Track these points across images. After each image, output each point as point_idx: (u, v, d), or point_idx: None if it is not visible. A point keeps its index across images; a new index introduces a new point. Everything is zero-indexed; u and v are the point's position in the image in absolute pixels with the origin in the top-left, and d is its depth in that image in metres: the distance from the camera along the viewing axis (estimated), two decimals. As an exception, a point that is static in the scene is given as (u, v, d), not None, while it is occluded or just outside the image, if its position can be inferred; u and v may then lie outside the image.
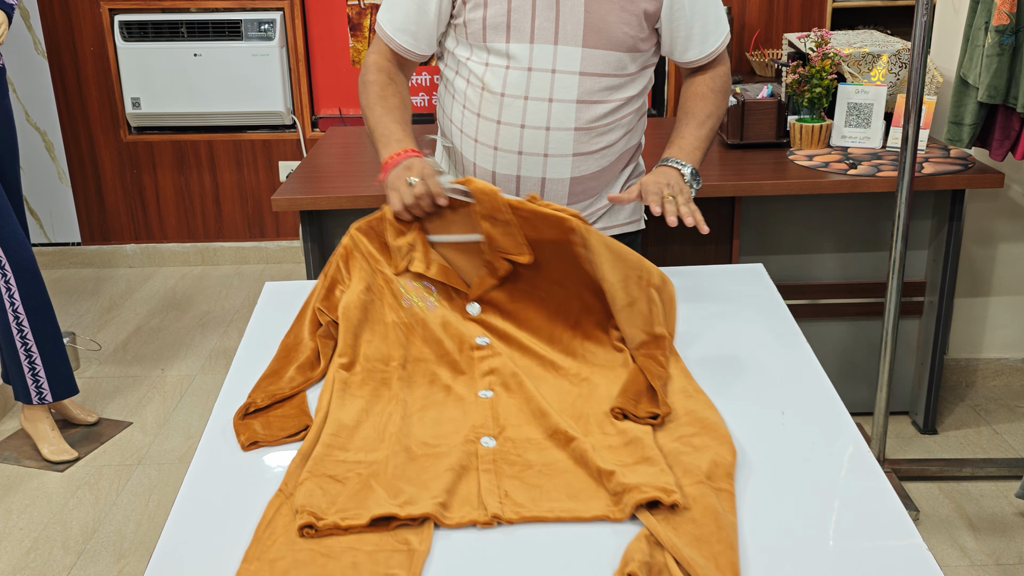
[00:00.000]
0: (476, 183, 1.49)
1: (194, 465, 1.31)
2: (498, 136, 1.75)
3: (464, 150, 1.81)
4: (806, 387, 1.47)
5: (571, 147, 1.75)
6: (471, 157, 1.80)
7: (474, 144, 1.79)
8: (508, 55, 1.71)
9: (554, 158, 1.76)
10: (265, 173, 4.35)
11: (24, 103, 4.25)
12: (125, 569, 2.41)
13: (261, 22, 4.05)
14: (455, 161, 1.86)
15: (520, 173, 1.77)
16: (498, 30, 1.70)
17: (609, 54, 1.71)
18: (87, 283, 4.28)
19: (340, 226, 2.65)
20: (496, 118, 1.75)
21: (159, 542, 1.16)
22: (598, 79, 1.72)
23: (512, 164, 1.77)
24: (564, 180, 1.78)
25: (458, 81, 1.79)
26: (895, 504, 1.18)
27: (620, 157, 1.84)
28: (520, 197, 1.49)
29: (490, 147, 1.77)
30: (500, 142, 1.76)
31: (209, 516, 1.20)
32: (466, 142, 1.80)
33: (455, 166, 1.87)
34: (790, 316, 1.68)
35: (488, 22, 1.70)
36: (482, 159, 1.79)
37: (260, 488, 1.24)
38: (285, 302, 1.80)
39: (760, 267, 1.91)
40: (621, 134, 1.81)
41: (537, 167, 1.76)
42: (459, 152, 1.83)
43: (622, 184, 1.89)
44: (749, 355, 1.56)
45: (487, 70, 1.73)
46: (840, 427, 1.35)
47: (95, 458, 2.88)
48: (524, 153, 1.76)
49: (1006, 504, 2.54)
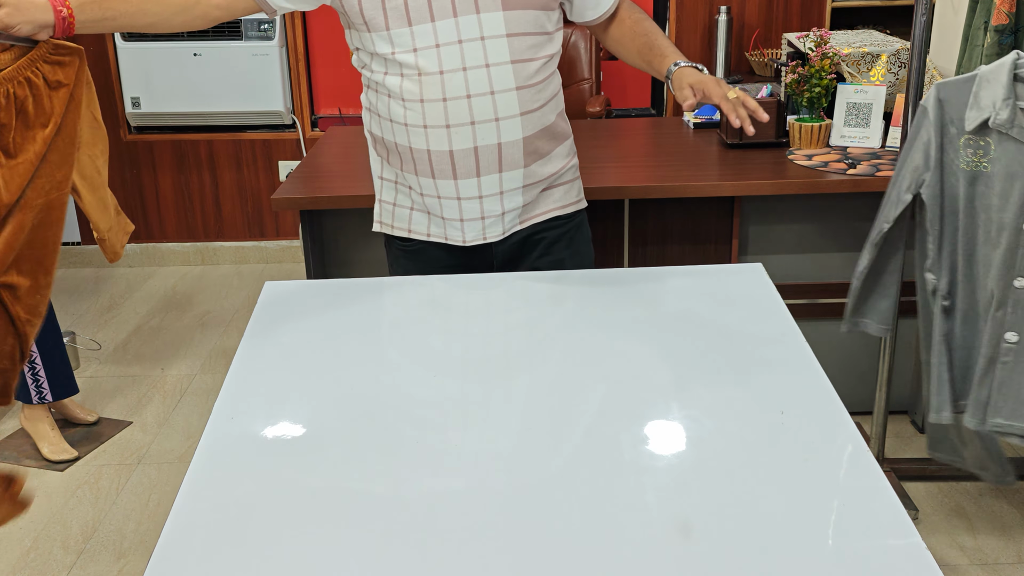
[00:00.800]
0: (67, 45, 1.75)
1: (194, 464, 1.31)
2: (447, 113, 1.77)
3: (415, 143, 1.82)
4: (805, 387, 1.47)
5: (518, 107, 1.80)
6: (424, 145, 1.81)
7: (424, 131, 1.80)
8: (435, 33, 1.74)
9: (505, 120, 1.79)
10: (265, 173, 4.35)
11: (24, 103, 4.24)
12: (125, 568, 2.41)
13: (261, 22, 4.05)
14: (403, 161, 1.87)
15: (477, 144, 1.79)
16: (420, 11, 1.73)
17: (528, 13, 1.78)
18: (87, 282, 4.29)
19: (340, 225, 2.65)
20: (441, 96, 1.77)
21: (159, 541, 1.16)
22: (524, 38, 1.79)
23: (467, 136, 1.79)
24: (518, 141, 1.81)
25: (389, 79, 1.80)
26: (894, 503, 1.18)
27: (558, 115, 1.91)
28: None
29: (442, 127, 1.78)
30: (451, 118, 1.77)
31: (209, 516, 1.21)
32: (415, 133, 1.81)
33: (404, 165, 1.87)
34: (789, 316, 1.68)
35: (410, 5, 1.73)
36: (436, 142, 1.80)
37: (260, 487, 1.25)
38: (285, 302, 1.81)
39: (759, 267, 1.91)
40: (554, 91, 1.88)
41: (491, 133, 1.79)
42: (409, 148, 1.83)
43: (566, 145, 1.94)
44: (748, 355, 1.56)
45: (418, 55, 1.76)
46: (839, 426, 1.36)
47: (95, 457, 2.88)
48: (476, 122, 1.78)
49: (1005, 503, 2.55)
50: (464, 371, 1.55)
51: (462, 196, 1.84)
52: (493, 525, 1.18)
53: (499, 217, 1.88)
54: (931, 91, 1.83)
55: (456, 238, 1.90)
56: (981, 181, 1.86)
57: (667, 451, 1.32)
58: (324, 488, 1.26)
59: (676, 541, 1.13)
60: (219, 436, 1.38)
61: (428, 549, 1.13)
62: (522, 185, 1.86)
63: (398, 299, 1.83)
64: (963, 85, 1.78)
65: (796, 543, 1.12)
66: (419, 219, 1.91)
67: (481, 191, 1.83)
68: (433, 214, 1.89)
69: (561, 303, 1.78)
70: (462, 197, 1.84)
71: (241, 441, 1.37)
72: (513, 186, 1.85)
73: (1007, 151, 1.79)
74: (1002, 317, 1.95)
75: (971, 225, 1.92)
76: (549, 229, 1.95)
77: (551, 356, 1.60)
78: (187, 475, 1.29)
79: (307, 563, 1.11)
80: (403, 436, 1.36)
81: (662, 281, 1.83)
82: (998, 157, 1.81)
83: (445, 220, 1.88)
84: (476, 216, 1.86)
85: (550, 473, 1.28)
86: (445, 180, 1.82)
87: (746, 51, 4.14)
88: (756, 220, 2.71)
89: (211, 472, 1.30)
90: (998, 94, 1.75)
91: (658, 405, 1.42)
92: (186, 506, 1.23)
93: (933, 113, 1.84)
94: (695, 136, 3.00)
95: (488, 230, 1.89)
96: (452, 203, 1.85)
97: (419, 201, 1.89)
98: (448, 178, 1.82)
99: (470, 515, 1.19)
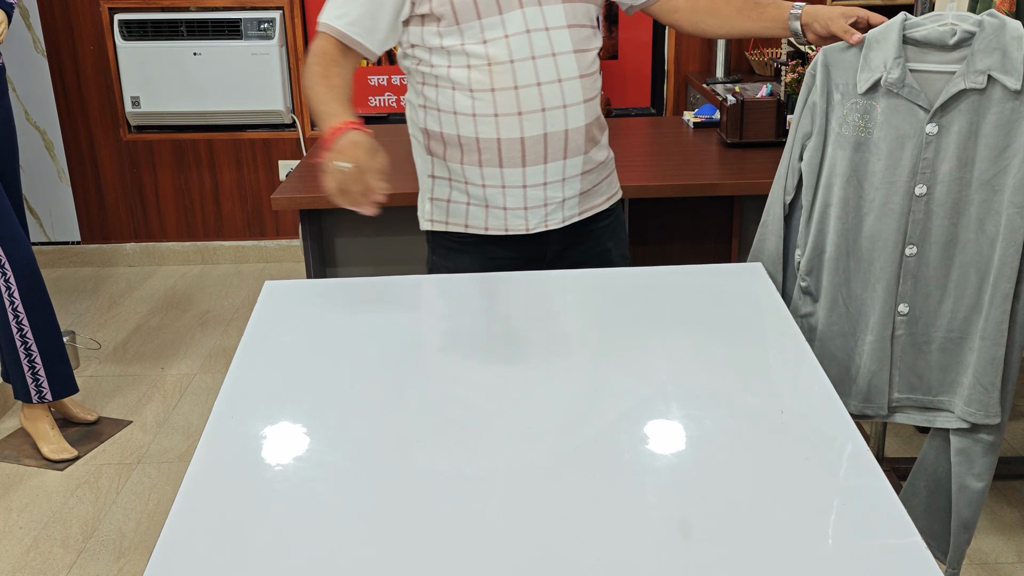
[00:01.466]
0: None
1: (194, 464, 1.31)
2: (519, 100, 1.82)
3: (483, 132, 1.85)
4: (805, 386, 1.47)
5: (581, 94, 1.86)
6: (493, 135, 1.85)
7: (495, 120, 1.84)
8: (504, 24, 1.79)
9: (571, 107, 1.86)
10: (265, 172, 4.35)
11: (24, 102, 4.25)
12: (125, 568, 2.41)
13: (261, 21, 4.05)
14: (465, 153, 1.89)
15: (547, 130, 1.85)
16: (489, 5, 1.79)
17: (580, 6, 1.86)
18: (87, 282, 4.29)
19: (339, 225, 2.65)
20: (512, 84, 1.81)
21: (159, 541, 1.16)
22: (580, 30, 1.86)
23: (538, 123, 1.84)
24: (580, 128, 1.88)
25: (455, 72, 1.83)
26: (894, 503, 1.19)
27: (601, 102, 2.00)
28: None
29: (513, 115, 1.83)
30: (522, 105, 1.82)
31: (209, 515, 1.21)
32: (484, 123, 1.84)
33: (465, 158, 1.90)
34: (789, 315, 1.68)
35: (479, 1, 1.78)
36: (506, 131, 1.84)
37: (260, 486, 1.25)
38: (285, 301, 1.81)
39: (759, 266, 1.91)
40: (601, 81, 1.97)
41: (559, 120, 1.85)
42: (475, 139, 1.86)
43: (606, 135, 2.01)
44: (748, 354, 1.56)
45: (487, 45, 1.80)
46: (839, 426, 1.36)
47: (95, 457, 2.88)
48: (547, 109, 1.84)
49: (1005, 503, 2.55)
50: (463, 371, 1.55)
51: (528, 184, 1.89)
52: (492, 524, 1.18)
53: (560, 204, 1.93)
54: (818, 56, 1.80)
55: (518, 227, 1.94)
56: (864, 147, 1.81)
57: (667, 451, 1.32)
58: (324, 487, 1.26)
59: (676, 541, 1.13)
60: (219, 435, 1.38)
61: (427, 547, 1.13)
62: (580, 172, 1.92)
63: (398, 298, 1.83)
64: (850, 49, 1.77)
65: (796, 542, 1.12)
66: (476, 213, 1.94)
67: (546, 177, 1.89)
68: (492, 206, 1.92)
69: (560, 303, 1.78)
70: (528, 185, 1.89)
71: (241, 440, 1.37)
72: (574, 172, 1.91)
73: (897, 112, 1.76)
74: (891, 290, 1.87)
75: (853, 196, 1.85)
76: (596, 221, 2.02)
77: (550, 356, 1.60)
78: (187, 474, 1.29)
79: (307, 562, 1.11)
80: (403, 435, 1.36)
81: (662, 281, 1.83)
82: (885, 121, 1.78)
83: (507, 210, 1.92)
84: (539, 203, 1.91)
85: (549, 473, 1.28)
86: (512, 168, 1.87)
87: (746, 50, 4.14)
88: (756, 220, 2.70)
89: (211, 471, 1.30)
90: (889, 54, 1.73)
91: (658, 405, 1.42)
92: (186, 505, 1.22)
93: (820, 78, 1.81)
94: (695, 135, 3.01)
95: (550, 217, 1.94)
96: (517, 191, 1.89)
97: (477, 195, 1.92)
98: (516, 166, 1.87)
99: (469, 515, 1.19)
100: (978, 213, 1.78)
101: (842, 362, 1.95)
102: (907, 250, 1.82)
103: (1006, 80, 1.67)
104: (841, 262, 1.88)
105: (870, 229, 1.84)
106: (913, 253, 1.82)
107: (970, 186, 1.77)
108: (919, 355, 1.91)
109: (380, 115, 4.23)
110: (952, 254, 1.82)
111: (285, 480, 1.28)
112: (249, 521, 1.18)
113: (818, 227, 1.89)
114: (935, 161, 1.74)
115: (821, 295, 1.93)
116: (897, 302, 1.86)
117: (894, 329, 1.88)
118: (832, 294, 1.91)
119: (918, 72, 1.73)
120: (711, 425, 1.36)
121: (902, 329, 1.88)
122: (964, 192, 1.77)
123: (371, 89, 4.23)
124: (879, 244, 1.84)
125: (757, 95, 2.87)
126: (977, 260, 1.81)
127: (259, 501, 1.21)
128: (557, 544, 1.13)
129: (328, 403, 1.45)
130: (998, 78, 1.67)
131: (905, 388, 1.93)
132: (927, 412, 1.95)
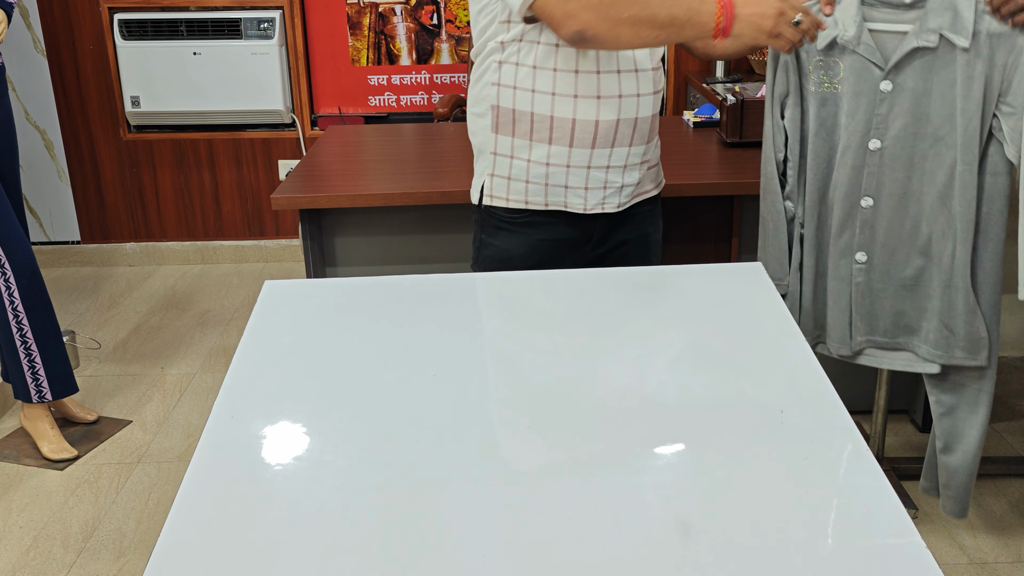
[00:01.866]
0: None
1: (194, 463, 1.31)
2: (600, 85, 1.89)
3: (559, 112, 1.92)
4: (805, 385, 1.47)
5: (652, 86, 1.95)
6: (570, 115, 1.91)
7: (573, 100, 1.90)
8: None
9: (644, 97, 1.94)
10: (265, 172, 4.35)
11: (23, 102, 4.25)
12: (125, 567, 2.41)
13: (260, 21, 4.05)
14: (535, 131, 1.95)
15: (620, 116, 1.92)
16: None
17: None
18: (87, 281, 4.29)
19: (340, 224, 2.65)
20: (595, 69, 1.89)
21: (159, 540, 1.16)
22: None
23: (614, 109, 1.91)
24: (647, 118, 1.96)
25: (540, 49, 1.90)
26: (894, 502, 1.18)
27: None
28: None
29: (592, 97, 1.90)
30: (602, 90, 1.90)
31: (209, 514, 1.21)
32: (562, 103, 1.91)
33: (535, 135, 1.96)
34: (789, 315, 1.68)
35: None
36: (583, 112, 1.90)
37: (260, 486, 1.25)
38: (285, 301, 1.81)
39: (759, 266, 1.91)
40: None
41: (632, 108, 1.93)
42: (550, 116, 1.92)
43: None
44: (747, 354, 1.56)
45: (558, 52, 1.88)
46: (839, 425, 1.36)
47: (95, 456, 2.88)
48: (623, 96, 1.91)
49: (1005, 502, 2.55)
50: (463, 370, 1.55)
51: (592, 165, 1.95)
52: (492, 524, 1.18)
53: (618, 189, 1.99)
54: None
55: (577, 205, 1.99)
56: (831, 102, 1.92)
57: (667, 451, 1.32)
58: (325, 487, 1.26)
59: (676, 541, 1.13)
60: (219, 435, 1.38)
61: (428, 547, 1.13)
62: (640, 161, 1.99)
63: (398, 298, 1.83)
64: (815, 8, 1.85)
65: (795, 542, 1.12)
66: (535, 190, 2.00)
67: (610, 161, 1.95)
68: (552, 184, 1.98)
69: (559, 302, 1.78)
70: (592, 166, 1.95)
71: (241, 440, 1.37)
72: (635, 160, 1.98)
73: (854, 69, 1.85)
74: (850, 238, 2.00)
75: (823, 147, 1.97)
76: (642, 206, 2.09)
77: (550, 355, 1.60)
78: (187, 474, 1.29)
79: (307, 562, 1.11)
80: (403, 435, 1.36)
81: (662, 280, 1.83)
82: (847, 77, 1.87)
83: (568, 188, 1.98)
84: (599, 186, 1.97)
85: (548, 472, 1.28)
86: (582, 149, 1.93)
87: (746, 50, 4.14)
88: (755, 219, 2.70)
89: (211, 471, 1.30)
90: (848, 13, 1.82)
91: (658, 404, 1.42)
92: (186, 505, 1.22)
93: None
94: (695, 135, 3.00)
95: (607, 200, 1.99)
96: (580, 171, 1.96)
97: (538, 173, 1.97)
98: (586, 147, 1.93)
99: (468, 515, 1.19)
100: (931, 167, 1.90)
101: (819, 306, 2.08)
102: (863, 201, 1.94)
103: (956, 39, 1.73)
104: (814, 211, 2.02)
105: (835, 180, 1.97)
106: (869, 205, 1.94)
107: (924, 141, 1.88)
108: (876, 300, 2.03)
109: (380, 115, 4.23)
110: (906, 206, 1.93)
111: (285, 480, 1.28)
112: (249, 521, 1.18)
113: (800, 179, 2.02)
114: (888, 117, 1.84)
115: (805, 242, 2.07)
116: (855, 250, 1.99)
117: (852, 276, 2.00)
118: (813, 241, 2.05)
119: (876, 32, 1.82)
120: (711, 424, 1.36)
121: (860, 277, 2.00)
122: (918, 147, 1.89)
123: (371, 89, 4.23)
124: (838, 194, 1.96)
125: (757, 94, 2.86)
126: (930, 213, 1.92)
127: (259, 501, 1.21)
128: (557, 543, 1.14)
129: (328, 403, 1.45)
130: (948, 36, 1.72)
131: (864, 331, 2.05)
132: (887, 352, 2.08)
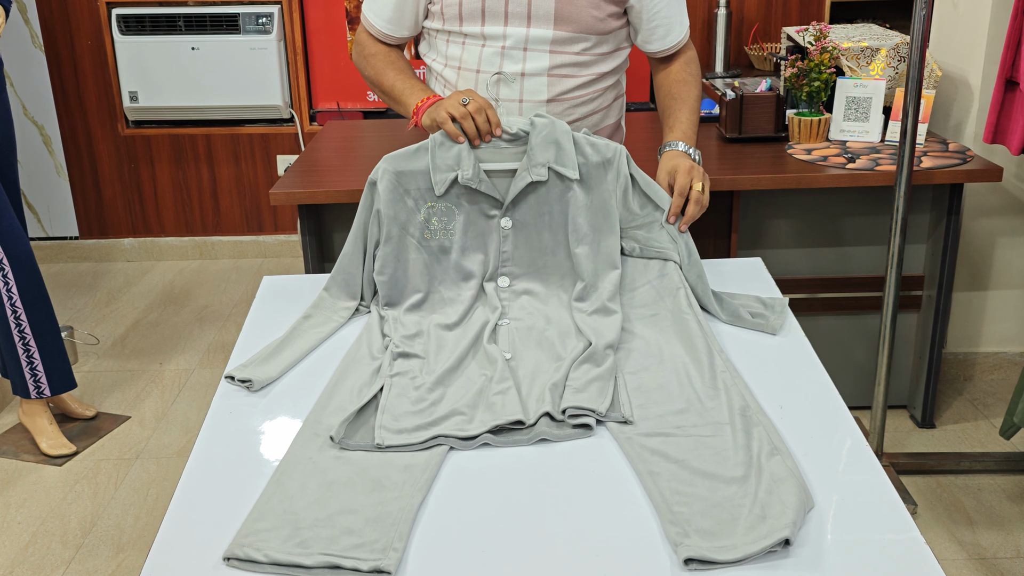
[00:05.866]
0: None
1: (192, 459, 1.31)
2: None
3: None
4: (804, 381, 1.47)
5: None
6: None
7: None
8: (483, 36, 1.84)
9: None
10: (263, 167, 4.34)
11: (21, 97, 4.24)
12: (124, 563, 2.41)
13: (259, 15, 4.04)
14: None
15: None
16: (474, 15, 1.83)
17: (578, 35, 1.85)
18: (85, 277, 4.28)
19: (338, 220, 2.65)
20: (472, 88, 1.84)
21: (157, 536, 1.16)
22: (569, 55, 1.86)
23: None
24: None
25: (436, 64, 1.93)
26: (893, 498, 1.19)
27: (597, 134, 1.96)
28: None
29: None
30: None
31: (207, 510, 1.21)
32: None
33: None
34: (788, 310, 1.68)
35: (464, 8, 1.82)
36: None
37: (258, 482, 1.24)
38: (283, 296, 1.81)
39: (758, 261, 1.91)
40: (593, 108, 1.94)
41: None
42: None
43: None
44: (747, 350, 1.56)
45: (464, 49, 1.86)
46: (838, 421, 1.36)
47: (93, 452, 2.88)
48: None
49: (1004, 498, 2.55)
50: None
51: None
52: (492, 520, 1.18)
53: None
54: (381, 164, 1.71)
55: None
56: (452, 250, 1.73)
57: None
58: (322, 483, 1.26)
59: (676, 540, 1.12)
60: (217, 430, 1.38)
61: (425, 546, 1.13)
62: None
63: (396, 293, 1.83)
64: (413, 155, 1.70)
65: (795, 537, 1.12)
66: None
67: None
68: None
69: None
70: None
71: (239, 436, 1.37)
72: None
73: (474, 211, 1.71)
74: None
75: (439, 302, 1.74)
76: None
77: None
78: (185, 469, 1.29)
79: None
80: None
81: (661, 275, 1.82)
82: (467, 221, 1.72)
83: None
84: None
85: (549, 469, 1.28)
86: None
87: (745, 45, 4.13)
88: (755, 214, 2.70)
89: (209, 466, 1.30)
90: (458, 153, 1.69)
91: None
92: (184, 500, 1.23)
93: (386, 184, 1.71)
94: (694, 130, 3.00)
95: None
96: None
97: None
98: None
99: (467, 515, 1.19)
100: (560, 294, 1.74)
101: None
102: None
103: (565, 171, 1.69)
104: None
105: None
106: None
107: (547, 270, 1.75)
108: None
109: (379, 110, 4.22)
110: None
111: (283, 475, 1.28)
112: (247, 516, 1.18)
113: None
114: (514, 253, 1.73)
115: None
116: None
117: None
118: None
119: (490, 172, 1.72)
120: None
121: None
122: (545, 278, 1.75)
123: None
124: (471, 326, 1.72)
125: (756, 90, 2.86)
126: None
127: (257, 496, 1.21)
128: (557, 543, 1.14)
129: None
130: (558, 169, 1.69)
131: None
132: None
